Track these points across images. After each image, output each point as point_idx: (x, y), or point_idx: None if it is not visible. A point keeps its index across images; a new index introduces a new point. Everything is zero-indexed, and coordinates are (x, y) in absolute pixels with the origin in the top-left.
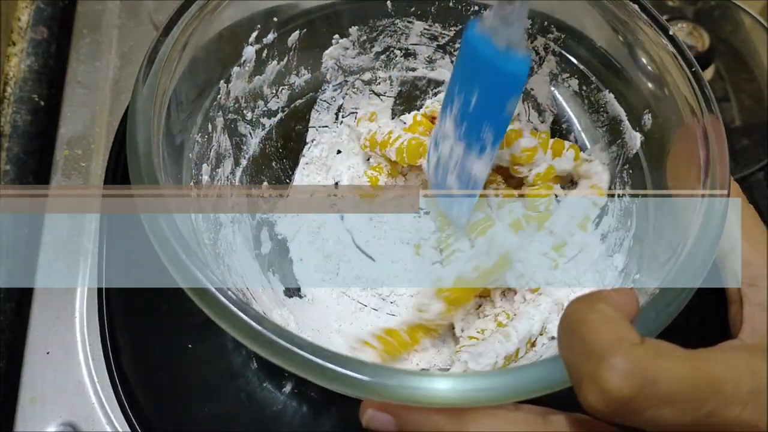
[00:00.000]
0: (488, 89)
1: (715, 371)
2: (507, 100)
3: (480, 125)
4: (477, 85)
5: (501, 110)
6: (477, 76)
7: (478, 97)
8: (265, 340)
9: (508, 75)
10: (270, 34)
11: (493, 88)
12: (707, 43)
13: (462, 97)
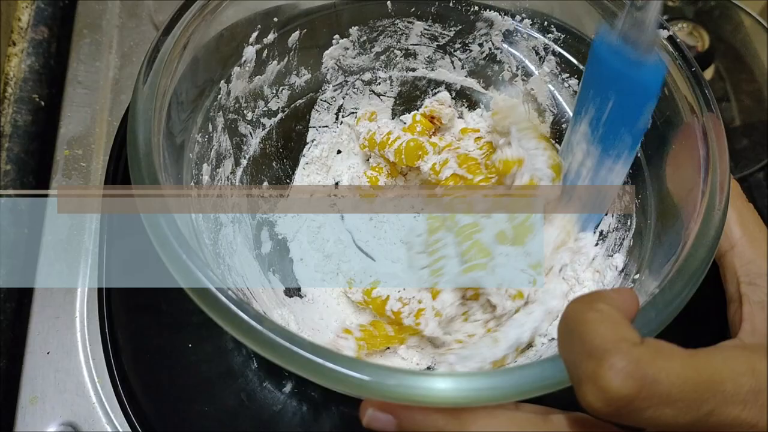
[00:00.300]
0: (623, 99)
1: (715, 371)
2: (643, 108)
3: (616, 132)
4: (611, 95)
5: (637, 118)
6: (610, 86)
7: (613, 105)
8: (265, 339)
9: (642, 85)
10: (270, 34)
11: (628, 98)
12: (707, 43)
13: (597, 103)
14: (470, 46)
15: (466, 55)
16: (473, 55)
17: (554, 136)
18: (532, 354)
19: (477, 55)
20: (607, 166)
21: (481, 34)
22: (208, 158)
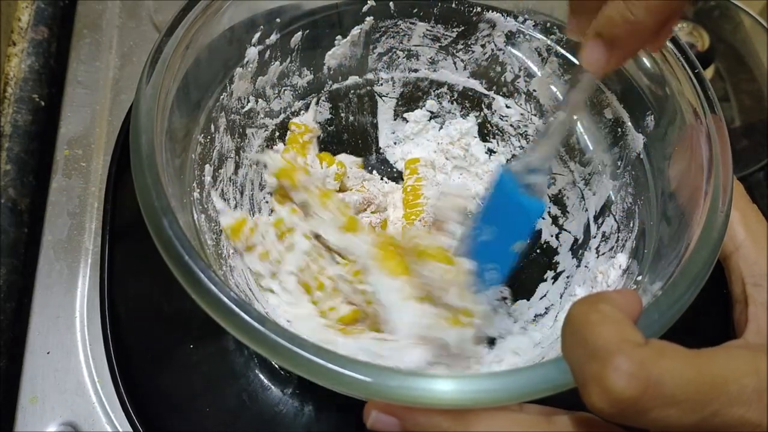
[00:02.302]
0: (505, 219)
1: (719, 371)
2: (517, 236)
3: (487, 262)
4: (495, 220)
5: (508, 244)
6: (498, 209)
7: (495, 231)
8: (266, 340)
9: (523, 208)
10: (273, 35)
11: (509, 219)
12: (707, 43)
13: (480, 231)
14: (473, 47)
15: (469, 56)
16: (476, 56)
17: None
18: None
19: (479, 56)
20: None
21: (484, 35)
22: (210, 159)
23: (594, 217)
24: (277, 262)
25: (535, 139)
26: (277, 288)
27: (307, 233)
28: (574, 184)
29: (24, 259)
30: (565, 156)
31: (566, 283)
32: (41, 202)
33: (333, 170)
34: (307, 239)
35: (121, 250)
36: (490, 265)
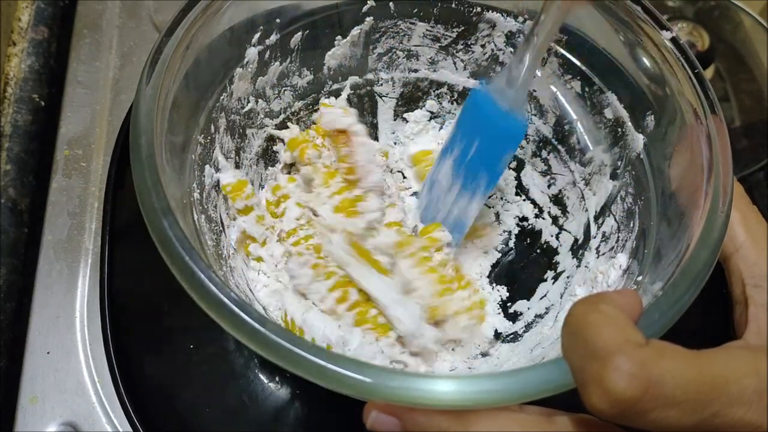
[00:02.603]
0: (488, 141)
1: (720, 372)
2: (503, 155)
3: (476, 173)
4: (478, 138)
5: (496, 163)
6: (479, 128)
7: (478, 148)
8: (267, 341)
9: (506, 131)
10: (273, 35)
11: (492, 143)
12: (707, 43)
13: (463, 145)
14: (472, 47)
15: (469, 56)
16: (475, 56)
17: (556, 137)
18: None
19: (479, 57)
20: (464, 200)
21: (484, 35)
22: (210, 159)
23: (594, 217)
24: (271, 228)
25: (511, 62)
26: (265, 255)
27: (301, 202)
28: (574, 184)
29: (24, 259)
30: (565, 156)
31: (566, 283)
32: (41, 202)
33: None
34: (300, 207)
35: (121, 250)
36: (482, 173)
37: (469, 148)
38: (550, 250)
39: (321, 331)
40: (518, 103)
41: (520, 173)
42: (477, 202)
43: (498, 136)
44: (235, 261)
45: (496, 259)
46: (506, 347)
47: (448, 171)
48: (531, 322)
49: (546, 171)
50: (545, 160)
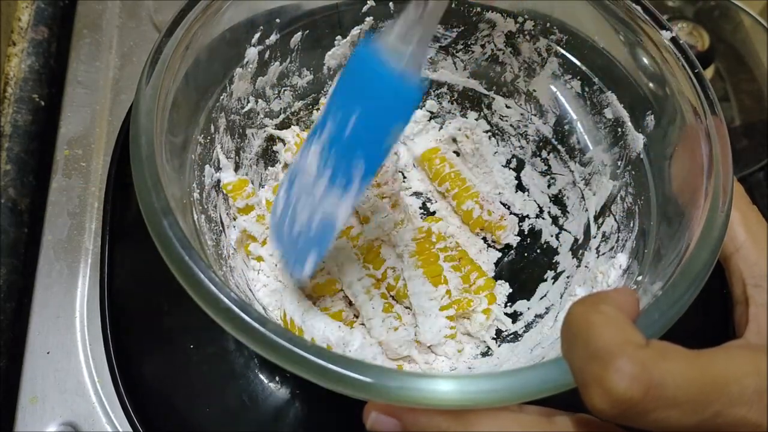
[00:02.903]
0: (372, 109)
1: (720, 372)
2: (391, 126)
3: (352, 153)
4: (359, 105)
5: (380, 138)
6: (361, 93)
7: (358, 119)
8: (267, 341)
9: (396, 99)
10: (272, 35)
11: (376, 113)
12: (707, 43)
13: (338, 118)
14: (472, 48)
15: (469, 57)
16: (475, 56)
17: (556, 137)
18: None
19: (479, 57)
20: (332, 199)
21: (484, 36)
22: (210, 159)
23: (594, 217)
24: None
25: (407, 10)
26: (265, 254)
27: None
28: (574, 184)
29: (24, 259)
30: (565, 156)
31: (566, 283)
32: (41, 202)
33: None
34: None
35: (121, 250)
36: (359, 154)
37: (344, 123)
38: (550, 250)
39: (321, 331)
40: (414, 63)
41: (520, 173)
42: (347, 202)
43: (384, 104)
44: (235, 261)
45: (497, 258)
46: (506, 347)
47: (314, 160)
48: (531, 322)
49: (546, 171)
50: (545, 160)
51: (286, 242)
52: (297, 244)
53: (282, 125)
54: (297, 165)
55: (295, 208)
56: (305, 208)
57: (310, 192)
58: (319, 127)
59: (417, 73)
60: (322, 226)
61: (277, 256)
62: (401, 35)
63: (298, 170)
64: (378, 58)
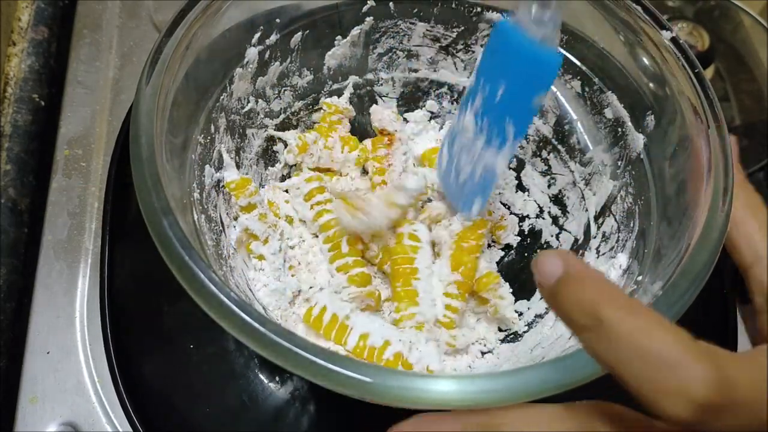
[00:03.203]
0: (517, 79)
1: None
2: (535, 92)
3: (503, 118)
4: (505, 76)
5: (527, 103)
6: (507, 65)
7: (506, 88)
8: (267, 341)
9: (541, 63)
10: (273, 35)
11: (523, 78)
12: (707, 43)
13: (487, 89)
14: (473, 47)
15: (469, 56)
16: (475, 56)
17: (556, 137)
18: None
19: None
20: (489, 155)
21: (484, 35)
22: (210, 159)
23: (594, 217)
24: (273, 227)
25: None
26: (266, 253)
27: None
28: (574, 184)
29: (24, 259)
30: (565, 156)
31: None
32: (41, 202)
33: (354, 155)
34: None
35: (121, 250)
36: (509, 120)
37: (494, 93)
38: None
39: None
40: (550, 33)
41: (520, 173)
42: (504, 156)
43: (528, 72)
44: (235, 261)
45: (499, 257)
46: (506, 347)
47: (470, 124)
48: (531, 322)
49: (546, 171)
50: (545, 160)
51: (454, 190)
52: (463, 190)
53: (282, 125)
54: (455, 128)
55: (458, 161)
56: (468, 162)
57: (470, 149)
58: (471, 95)
59: (554, 42)
60: (484, 175)
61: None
62: (538, 11)
63: (456, 132)
64: (519, 34)
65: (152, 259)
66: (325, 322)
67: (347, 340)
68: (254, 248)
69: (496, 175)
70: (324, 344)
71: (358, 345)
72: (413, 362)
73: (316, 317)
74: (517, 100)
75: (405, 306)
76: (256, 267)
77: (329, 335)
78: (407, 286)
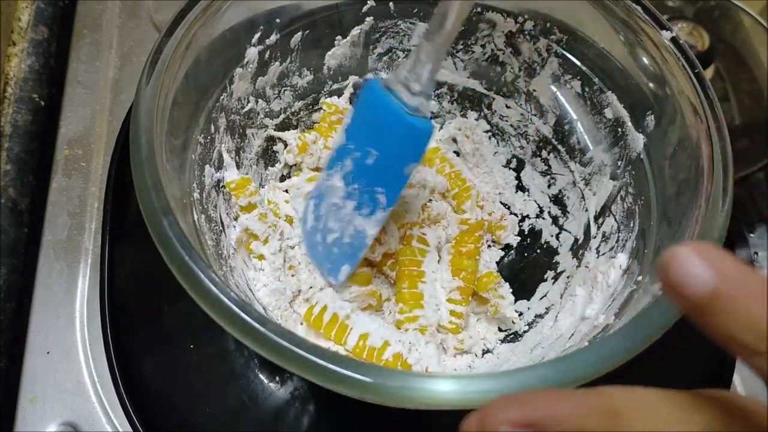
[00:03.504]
0: (391, 147)
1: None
2: (408, 161)
3: (375, 186)
4: (377, 142)
5: (399, 172)
6: (379, 131)
7: (379, 155)
8: (267, 341)
9: (414, 139)
10: (273, 35)
11: (397, 146)
12: (707, 43)
13: (358, 153)
14: (473, 48)
15: (469, 57)
16: (475, 56)
17: (556, 137)
18: (535, 355)
19: (479, 57)
20: (360, 221)
21: (484, 36)
22: (210, 159)
23: (594, 217)
24: (273, 227)
25: (415, 53)
26: (267, 253)
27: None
28: (574, 184)
29: (24, 259)
30: (565, 156)
31: (566, 283)
32: (41, 202)
33: None
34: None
35: (121, 250)
36: (380, 189)
37: (364, 158)
38: (550, 250)
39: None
40: (423, 102)
41: (520, 173)
42: (374, 224)
43: (402, 140)
44: (235, 261)
45: (499, 257)
46: (506, 347)
47: (339, 187)
48: (531, 322)
49: (546, 171)
50: (545, 160)
51: (321, 253)
52: (331, 254)
53: (282, 125)
54: (321, 188)
55: (325, 223)
56: (336, 225)
57: (339, 212)
58: (340, 155)
59: (426, 111)
60: (352, 241)
61: (302, 260)
62: (409, 76)
63: (323, 192)
64: (391, 99)
65: (152, 259)
66: (325, 322)
67: (347, 340)
68: (254, 248)
69: (366, 242)
70: (324, 344)
71: (358, 345)
72: (412, 363)
73: (317, 316)
74: (389, 168)
75: (410, 308)
76: (256, 267)
77: (329, 335)
78: (413, 288)
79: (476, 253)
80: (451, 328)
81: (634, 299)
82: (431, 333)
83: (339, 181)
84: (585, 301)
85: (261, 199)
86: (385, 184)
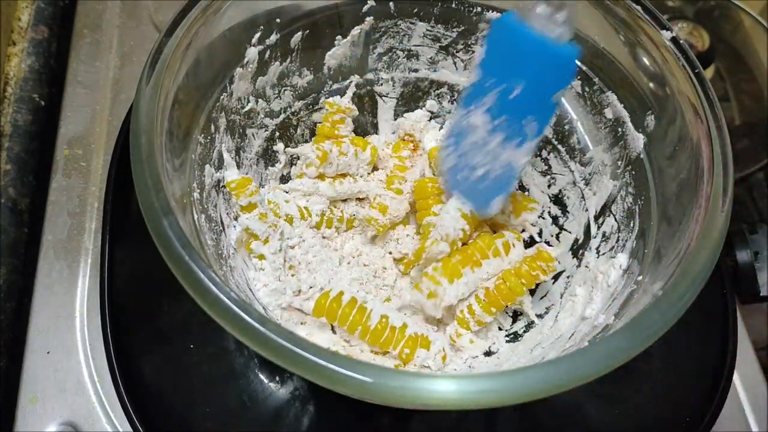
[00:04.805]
0: (535, 76)
1: None
2: (555, 89)
3: (522, 116)
4: (520, 74)
5: (547, 100)
6: (521, 63)
7: (524, 86)
8: (267, 341)
9: (559, 58)
10: (273, 35)
11: (542, 75)
12: (707, 43)
13: (500, 87)
14: (473, 47)
15: (469, 56)
16: (476, 56)
17: (556, 137)
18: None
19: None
20: (509, 151)
21: (484, 35)
22: (210, 159)
23: (594, 217)
24: (273, 226)
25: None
26: (267, 252)
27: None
28: (575, 184)
29: (24, 259)
30: (566, 156)
31: (566, 283)
32: (41, 202)
33: (367, 155)
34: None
35: (121, 250)
36: (529, 119)
37: (508, 91)
38: None
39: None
40: (565, 31)
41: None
42: (525, 152)
43: (547, 69)
44: (235, 261)
45: None
46: (506, 347)
47: (482, 122)
48: (531, 322)
49: (546, 171)
50: (545, 160)
51: (467, 187)
52: (479, 188)
53: (282, 125)
54: (459, 127)
55: (470, 159)
56: (483, 160)
57: (484, 147)
58: (476, 93)
59: (567, 35)
60: (503, 173)
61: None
62: (552, 11)
63: (462, 130)
64: (528, 30)
65: (152, 259)
66: (344, 304)
67: (369, 319)
68: (254, 248)
69: (517, 172)
70: (330, 338)
71: (380, 323)
72: (432, 340)
73: (334, 299)
74: (536, 97)
75: (449, 279)
76: (256, 267)
77: (346, 319)
78: (463, 266)
79: (530, 286)
80: (462, 320)
81: (634, 299)
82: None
83: (481, 116)
84: (585, 301)
85: (261, 199)
86: (535, 112)
